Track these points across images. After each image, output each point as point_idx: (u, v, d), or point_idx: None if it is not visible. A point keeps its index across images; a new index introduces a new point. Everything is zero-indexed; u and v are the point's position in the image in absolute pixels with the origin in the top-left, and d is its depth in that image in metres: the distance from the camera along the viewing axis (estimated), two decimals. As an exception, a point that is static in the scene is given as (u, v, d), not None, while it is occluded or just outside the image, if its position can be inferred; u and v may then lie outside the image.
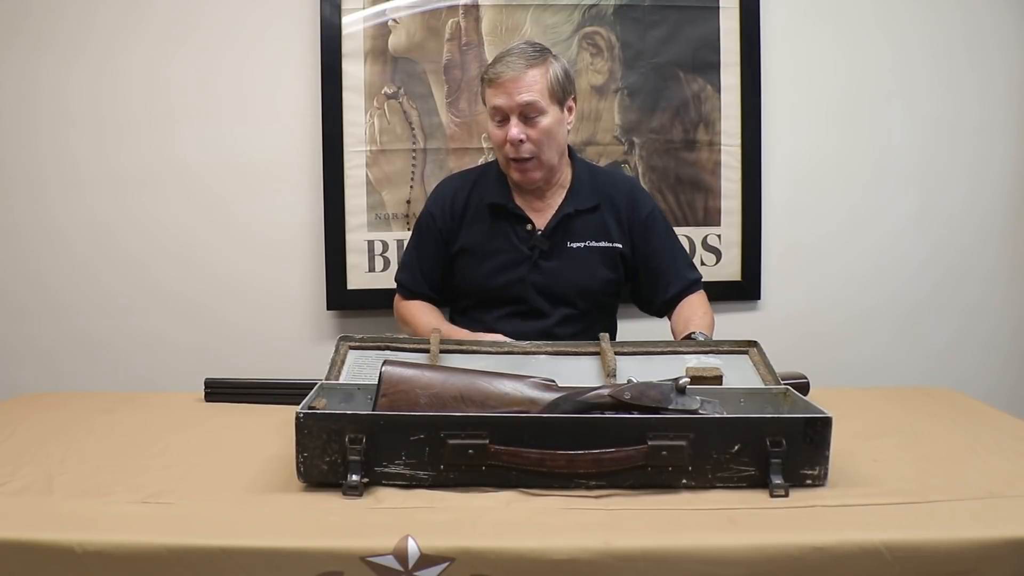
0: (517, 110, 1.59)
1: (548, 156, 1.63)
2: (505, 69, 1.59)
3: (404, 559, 0.90)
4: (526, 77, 1.58)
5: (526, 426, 1.07)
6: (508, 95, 1.59)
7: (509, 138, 1.60)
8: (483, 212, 1.72)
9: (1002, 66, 2.24)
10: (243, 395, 1.54)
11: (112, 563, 0.91)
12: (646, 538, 0.93)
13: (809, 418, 1.07)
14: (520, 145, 1.60)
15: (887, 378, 2.21)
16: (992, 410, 1.52)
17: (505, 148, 1.62)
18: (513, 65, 1.59)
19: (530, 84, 1.58)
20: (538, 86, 1.59)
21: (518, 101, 1.58)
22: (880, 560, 0.91)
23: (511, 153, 1.62)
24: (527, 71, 1.59)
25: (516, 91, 1.58)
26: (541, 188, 1.70)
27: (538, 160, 1.62)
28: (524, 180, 1.66)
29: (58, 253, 2.16)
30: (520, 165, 1.63)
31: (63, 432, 1.36)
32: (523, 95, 1.58)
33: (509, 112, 1.60)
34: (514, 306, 1.69)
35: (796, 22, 2.20)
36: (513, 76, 1.58)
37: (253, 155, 2.15)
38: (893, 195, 2.26)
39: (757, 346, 1.50)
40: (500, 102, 1.60)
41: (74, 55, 2.12)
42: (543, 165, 1.64)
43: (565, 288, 1.68)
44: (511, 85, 1.58)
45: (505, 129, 1.61)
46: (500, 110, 1.61)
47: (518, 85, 1.58)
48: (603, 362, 1.44)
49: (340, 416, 1.06)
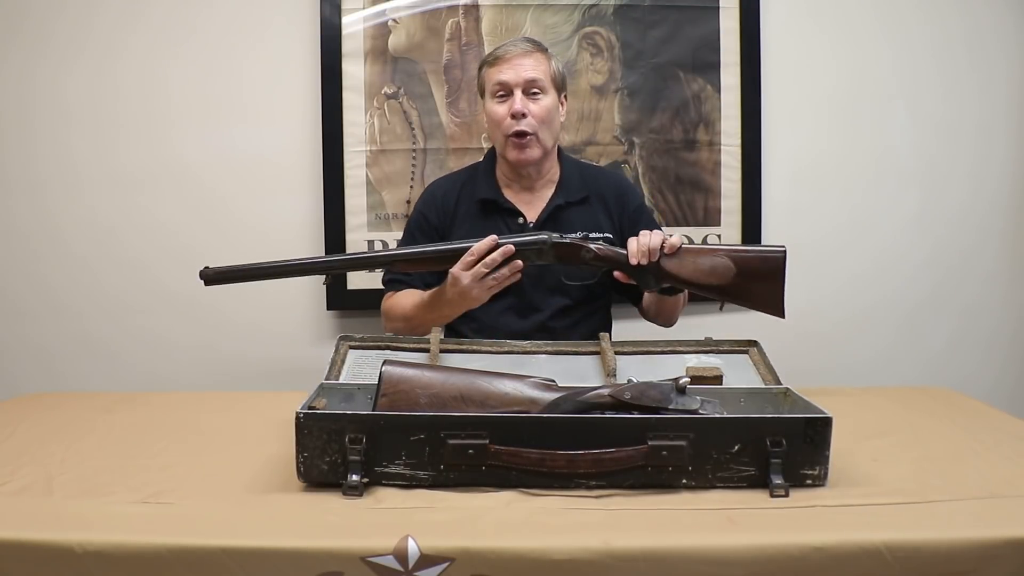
0: (522, 84, 1.64)
1: (544, 137, 1.67)
2: (512, 48, 1.67)
3: (404, 559, 0.90)
4: (532, 56, 1.67)
5: (526, 426, 1.07)
6: (514, 70, 1.65)
7: (513, 110, 1.64)
8: (474, 209, 1.73)
9: (1002, 66, 2.24)
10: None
11: (112, 563, 0.91)
12: (646, 538, 0.93)
13: (809, 418, 1.07)
14: (522, 119, 1.64)
15: (887, 378, 2.21)
16: (992, 410, 1.52)
17: (505, 124, 1.66)
18: (519, 45, 1.68)
19: (536, 64, 1.66)
20: (542, 67, 1.67)
21: (524, 76, 1.64)
22: (880, 560, 0.91)
23: (511, 128, 1.65)
24: (533, 53, 1.67)
25: (522, 67, 1.65)
26: (531, 180, 1.73)
27: (536, 138, 1.66)
28: (520, 158, 1.67)
29: (58, 253, 2.16)
30: (519, 141, 1.66)
31: (63, 432, 1.35)
32: (529, 71, 1.65)
33: (514, 86, 1.65)
34: (508, 300, 1.70)
35: (796, 22, 2.20)
36: (520, 53, 1.66)
37: (253, 155, 2.15)
38: (893, 195, 2.26)
39: (757, 346, 1.50)
40: (506, 77, 1.65)
41: (74, 55, 2.12)
42: (540, 144, 1.67)
43: (557, 278, 1.69)
44: (516, 61, 1.65)
45: (507, 104, 1.65)
46: (505, 84, 1.65)
47: (524, 62, 1.65)
48: (603, 362, 1.44)
49: (340, 416, 1.06)
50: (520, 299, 1.70)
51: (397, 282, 1.73)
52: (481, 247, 1.46)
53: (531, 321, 1.69)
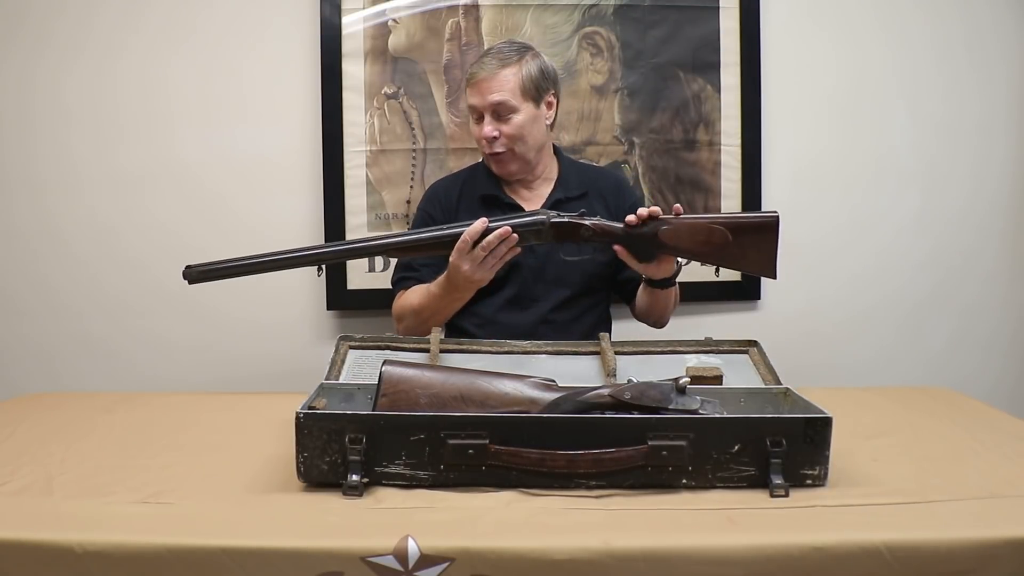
0: (489, 108, 1.67)
1: (522, 150, 1.70)
2: (479, 70, 1.68)
3: (404, 559, 0.90)
4: (498, 77, 1.66)
5: (526, 426, 1.07)
6: (480, 95, 1.67)
7: (483, 134, 1.68)
8: (475, 206, 1.75)
9: (1002, 66, 2.24)
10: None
11: (112, 563, 0.91)
12: (646, 538, 0.93)
13: (809, 418, 1.07)
14: (493, 142, 1.68)
15: (887, 378, 2.21)
16: (992, 410, 1.52)
17: (481, 143, 1.72)
18: (487, 66, 1.67)
19: (502, 84, 1.66)
20: (509, 85, 1.66)
21: (489, 100, 1.66)
22: (880, 560, 0.91)
23: (486, 148, 1.71)
24: (499, 71, 1.66)
25: (488, 91, 1.66)
26: (527, 179, 1.77)
27: (512, 152, 1.70)
28: (501, 171, 1.74)
29: (58, 253, 2.16)
30: (495, 158, 1.71)
31: (63, 432, 1.36)
32: (494, 95, 1.66)
33: (483, 110, 1.68)
34: (509, 292, 1.71)
35: (796, 22, 2.20)
36: (485, 76, 1.66)
37: (253, 155, 2.15)
38: (893, 195, 2.26)
39: (757, 346, 1.50)
40: (475, 101, 1.69)
41: (74, 55, 2.12)
42: (517, 158, 1.71)
43: (558, 268, 1.71)
44: (483, 85, 1.66)
45: (481, 126, 1.69)
46: (475, 109, 1.70)
47: (490, 85, 1.66)
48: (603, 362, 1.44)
49: (340, 416, 1.06)
50: (521, 291, 1.72)
51: (407, 279, 1.74)
52: (474, 231, 1.47)
53: (532, 313, 1.71)
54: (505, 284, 1.71)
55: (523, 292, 1.72)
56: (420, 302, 1.66)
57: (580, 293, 1.74)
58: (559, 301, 1.73)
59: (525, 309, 1.72)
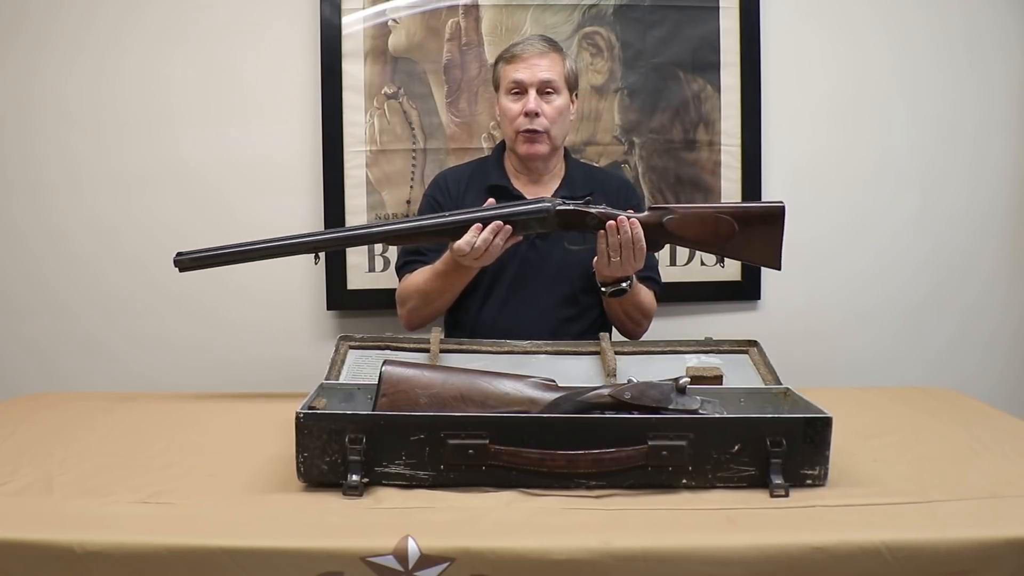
0: (537, 84, 1.69)
1: (555, 134, 1.73)
2: (529, 47, 1.71)
3: (404, 559, 0.90)
4: (548, 56, 1.71)
5: (526, 426, 1.07)
6: (530, 70, 1.69)
7: (526, 109, 1.68)
8: (482, 196, 1.74)
9: (1002, 66, 2.24)
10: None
11: (112, 563, 0.91)
12: (646, 538, 0.93)
13: (809, 418, 1.07)
14: (535, 117, 1.68)
15: (887, 378, 2.21)
16: (992, 410, 1.52)
17: (518, 121, 1.70)
18: (536, 45, 1.71)
19: (552, 64, 1.71)
20: (557, 68, 1.71)
21: (540, 77, 1.69)
22: (880, 560, 0.91)
23: (524, 125, 1.70)
24: (549, 53, 1.71)
25: (538, 67, 1.69)
26: (537, 174, 1.78)
27: (547, 135, 1.71)
28: (530, 152, 1.72)
29: (58, 253, 2.16)
30: (530, 136, 1.70)
31: (63, 432, 1.36)
32: (544, 72, 1.69)
33: (529, 86, 1.69)
34: (510, 290, 1.71)
35: (796, 22, 2.20)
36: (537, 53, 1.70)
37: (253, 155, 2.14)
38: (893, 195, 2.26)
39: (757, 346, 1.50)
40: (522, 76, 1.69)
41: (74, 55, 2.11)
42: (550, 141, 1.72)
43: (560, 263, 1.71)
44: (533, 61, 1.69)
45: (522, 103, 1.69)
46: (521, 83, 1.70)
47: (540, 62, 1.69)
48: (603, 362, 1.44)
49: (340, 416, 1.06)
50: (522, 289, 1.72)
51: (414, 263, 1.74)
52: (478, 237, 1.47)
53: (533, 311, 1.71)
54: (508, 278, 1.72)
55: (524, 290, 1.72)
56: (425, 283, 1.66)
57: (582, 291, 1.74)
58: (560, 298, 1.73)
59: (527, 306, 1.72)
